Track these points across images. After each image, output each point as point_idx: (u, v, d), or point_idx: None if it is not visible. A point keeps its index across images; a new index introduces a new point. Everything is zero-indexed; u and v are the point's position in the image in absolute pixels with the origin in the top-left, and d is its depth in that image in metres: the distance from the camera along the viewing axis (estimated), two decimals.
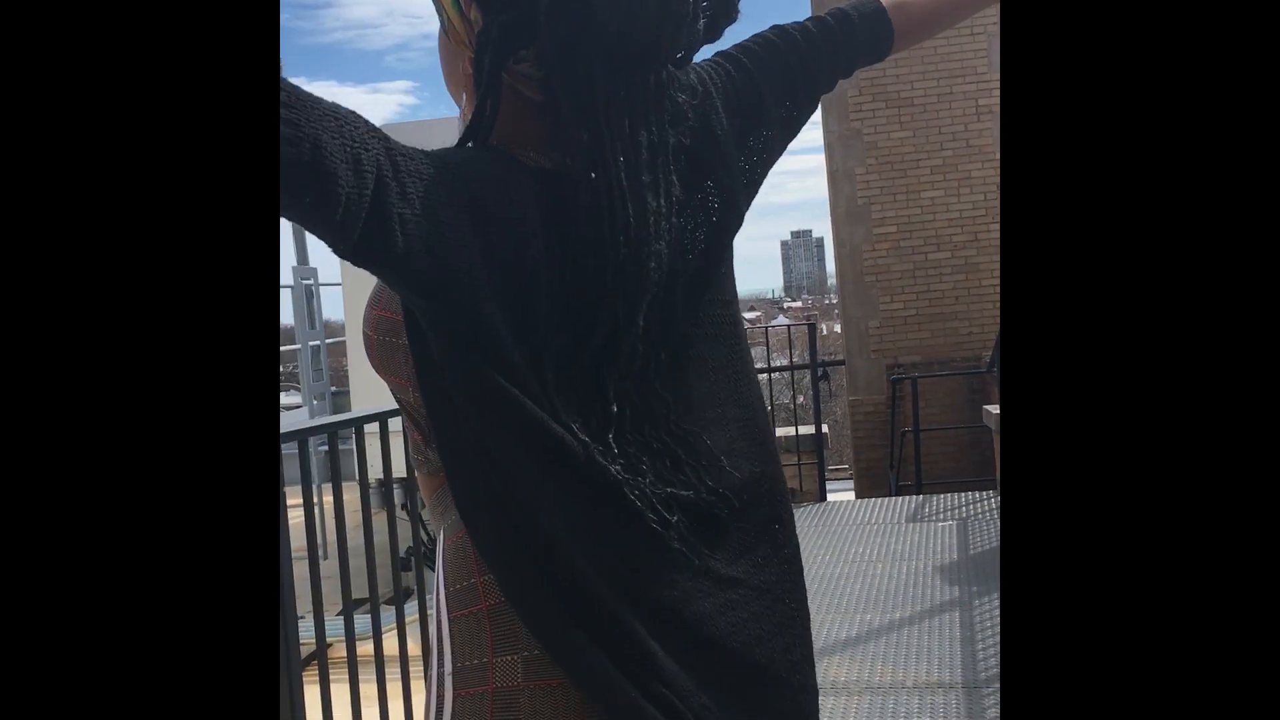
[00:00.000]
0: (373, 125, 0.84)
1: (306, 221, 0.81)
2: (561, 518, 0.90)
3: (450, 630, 0.95)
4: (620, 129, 0.91)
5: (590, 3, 0.87)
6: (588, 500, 0.90)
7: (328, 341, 8.80)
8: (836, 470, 14.46)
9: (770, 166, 1.07)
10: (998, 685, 3.17)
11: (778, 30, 1.09)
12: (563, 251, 0.90)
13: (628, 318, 0.91)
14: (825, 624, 3.86)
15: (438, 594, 0.98)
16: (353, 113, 0.82)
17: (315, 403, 8.83)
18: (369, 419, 2.25)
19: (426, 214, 0.83)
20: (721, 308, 1.03)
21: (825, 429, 7.77)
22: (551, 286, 0.90)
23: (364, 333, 1.03)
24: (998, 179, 9.21)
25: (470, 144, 0.94)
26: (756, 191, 1.06)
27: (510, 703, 0.90)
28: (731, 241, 1.03)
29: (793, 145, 1.11)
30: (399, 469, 2.30)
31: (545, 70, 0.92)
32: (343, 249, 0.82)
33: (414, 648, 2.49)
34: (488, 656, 0.92)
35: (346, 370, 8.90)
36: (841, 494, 9.40)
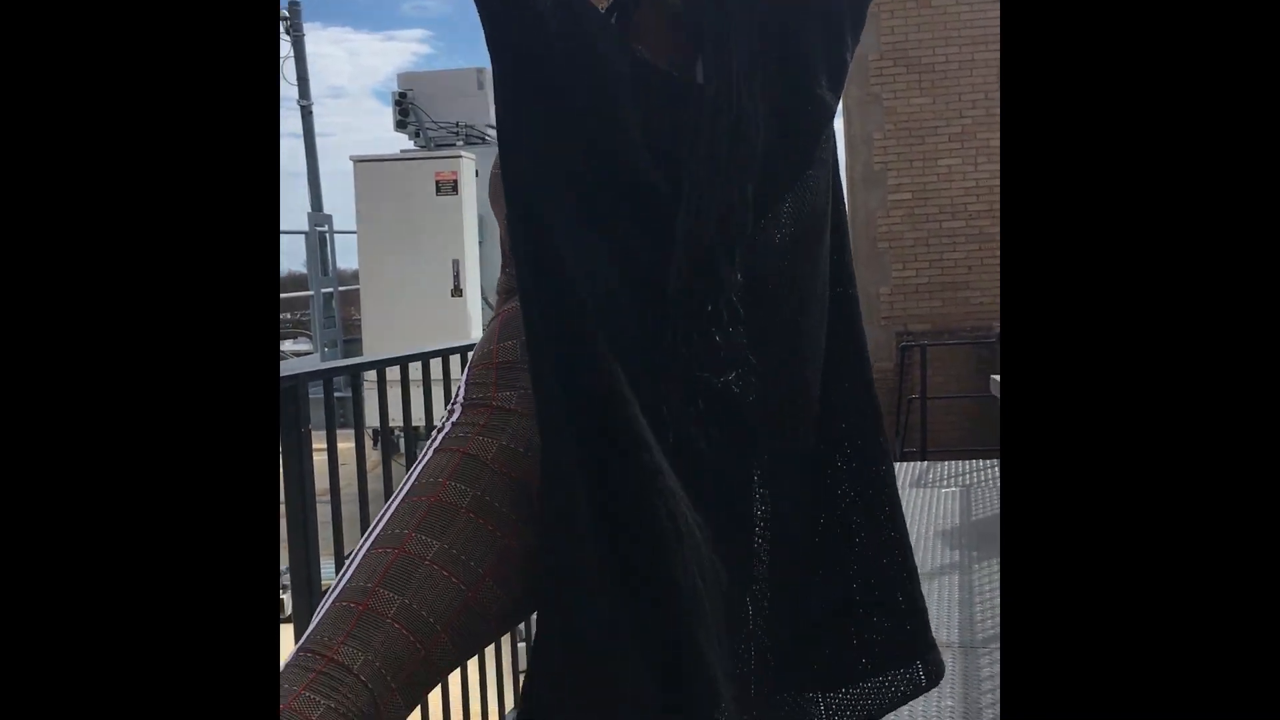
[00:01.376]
0: None
1: None
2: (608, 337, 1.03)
3: (466, 379, 1.19)
4: (741, 49, 1.06)
5: None
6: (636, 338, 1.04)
7: (340, 289, 8.85)
8: None
9: (854, 43, 1.16)
10: (993, 645, 3.23)
11: None
12: (666, 137, 1.05)
13: (741, 191, 1.05)
14: None
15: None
16: None
17: (326, 350, 8.89)
18: (389, 362, 2.29)
19: None
20: (817, 196, 1.15)
21: None
22: (646, 163, 1.05)
23: (490, 173, 1.21)
24: None
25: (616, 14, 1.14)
26: (847, 69, 1.16)
27: (504, 420, 1.12)
28: (823, 131, 1.14)
29: None
30: (396, 417, 2.34)
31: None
32: None
33: None
34: (491, 391, 1.15)
35: (358, 320, 8.95)
36: None
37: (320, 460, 2.44)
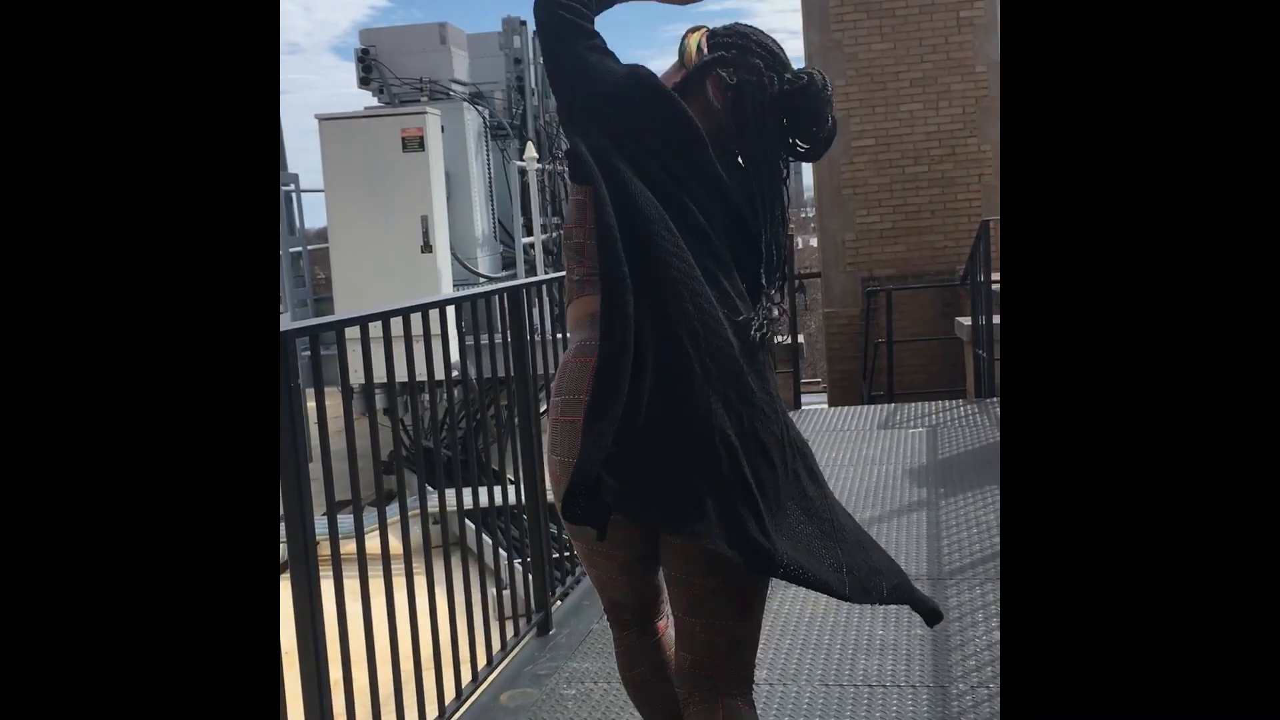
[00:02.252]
0: None
1: None
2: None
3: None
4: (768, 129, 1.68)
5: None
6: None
7: (309, 249, 8.82)
8: (810, 384, 14.66)
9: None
10: (959, 577, 3.37)
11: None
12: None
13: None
14: None
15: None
16: None
17: (297, 310, 8.88)
18: (373, 317, 2.35)
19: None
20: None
21: (801, 341, 7.92)
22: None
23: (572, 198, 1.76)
24: (977, 93, 9.23)
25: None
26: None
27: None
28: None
29: None
30: (380, 374, 2.41)
31: (738, 87, 1.65)
32: None
33: (396, 547, 2.62)
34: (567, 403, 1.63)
35: (323, 279, 8.94)
36: (815, 406, 9.59)
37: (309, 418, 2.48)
